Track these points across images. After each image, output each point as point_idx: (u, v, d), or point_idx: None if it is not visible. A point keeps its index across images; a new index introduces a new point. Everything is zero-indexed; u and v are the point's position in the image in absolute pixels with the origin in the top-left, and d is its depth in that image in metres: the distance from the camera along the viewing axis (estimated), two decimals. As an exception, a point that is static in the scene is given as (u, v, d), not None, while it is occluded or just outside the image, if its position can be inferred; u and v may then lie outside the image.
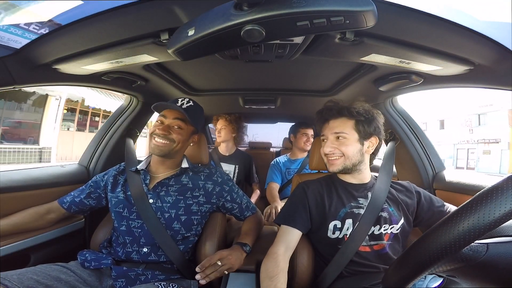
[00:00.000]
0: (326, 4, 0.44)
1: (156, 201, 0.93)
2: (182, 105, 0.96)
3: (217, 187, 1.00)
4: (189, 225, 0.94)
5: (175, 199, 0.94)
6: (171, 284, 0.80)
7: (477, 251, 0.38)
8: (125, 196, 0.95)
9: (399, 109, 1.38)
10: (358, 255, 0.80)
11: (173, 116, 0.96)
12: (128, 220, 0.91)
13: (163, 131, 0.93)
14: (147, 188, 0.95)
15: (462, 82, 0.90)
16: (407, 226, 0.85)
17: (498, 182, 0.35)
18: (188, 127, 0.98)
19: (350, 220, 0.82)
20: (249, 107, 1.77)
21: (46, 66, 0.83)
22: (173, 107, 0.96)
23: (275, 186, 1.83)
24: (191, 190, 0.97)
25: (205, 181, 1.00)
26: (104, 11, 0.61)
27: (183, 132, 0.97)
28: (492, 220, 0.33)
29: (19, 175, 1.03)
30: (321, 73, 1.19)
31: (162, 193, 0.94)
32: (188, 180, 0.99)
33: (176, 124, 0.96)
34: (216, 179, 1.02)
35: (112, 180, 1.00)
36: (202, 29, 0.51)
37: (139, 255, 0.88)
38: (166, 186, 0.96)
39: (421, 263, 0.38)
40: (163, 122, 0.96)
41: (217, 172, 1.05)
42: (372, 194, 0.85)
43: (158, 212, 0.91)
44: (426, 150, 1.30)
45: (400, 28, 0.64)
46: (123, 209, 0.93)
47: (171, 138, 0.94)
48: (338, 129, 0.86)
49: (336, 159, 0.86)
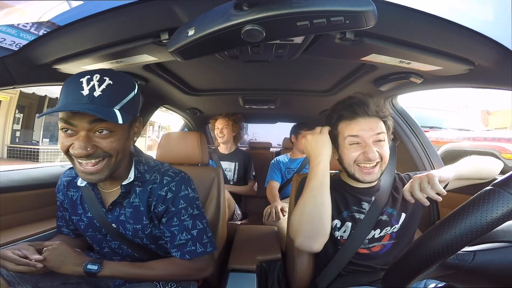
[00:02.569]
0: (326, 4, 0.43)
1: (118, 227, 0.75)
2: (93, 92, 0.58)
3: (159, 206, 0.73)
4: (164, 249, 0.79)
5: (133, 228, 0.74)
6: (169, 284, 0.79)
7: (463, 259, 0.38)
8: (88, 219, 0.77)
9: (399, 109, 1.38)
10: (356, 256, 0.80)
11: (86, 119, 0.58)
12: (107, 242, 0.78)
13: (84, 149, 0.58)
14: (105, 209, 0.74)
15: (462, 82, 0.90)
16: (411, 219, 0.82)
17: (497, 181, 0.35)
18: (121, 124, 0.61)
19: (349, 224, 0.81)
20: (249, 107, 1.77)
21: (46, 66, 0.83)
22: (77, 108, 0.57)
23: (275, 185, 1.84)
24: (145, 215, 0.74)
25: (151, 197, 0.74)
26: (104, 11, 0.61)
27: (117, 135, 0.63)
28: (480, 227, 0.33)
29: (19, 175, 1.03)
30: (321, 73, 1.19)
31: (122, 218, 0.74)
32: (138, 201, 0.74)
33: (98, 128, 0.60)
34: (163, 194, 0.72)
35: (67, 199, 0.80)
36: (202, 29, 0.51)
37: None
38: (122, 208, 0.74)
39: (413, 267, 0.39)
40: (75, 132, 0.60)
41: (170, 184, 0.73)
42: (374, 198, 0.82)
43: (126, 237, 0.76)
44: (426, 150, 1.30)
45: (400, 28, 0.64)
46: (94, 231, 0.78)
47: (102, 153, 0.62)
48: (379, 129, 0.74)
49: (373, 166, 0.74)
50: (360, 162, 0.75)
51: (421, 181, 0.69)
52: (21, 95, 7.10)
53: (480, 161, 0.84)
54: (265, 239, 1.11)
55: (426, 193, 0.67)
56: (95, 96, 0.58)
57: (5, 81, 0.77)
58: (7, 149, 7.32)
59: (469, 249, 0.38)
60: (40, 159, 7.27)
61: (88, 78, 0.59)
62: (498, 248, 0.38)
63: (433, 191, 0.67)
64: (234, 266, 0.93)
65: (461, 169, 0.80)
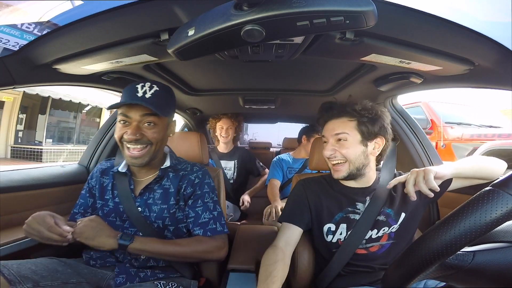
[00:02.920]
0: (326, 4, 0.44)
1: (144, 209, 0.85)
2: (145, 94, 0.78)
3: (189, 188, 0.88)
4: (180, 234, 0.89)
5: (159, 208, 0.85)
6: (170, 283, 0.80)
7: (463, 260, 0.38)
8: (114, 204, 0.86)
9: (399, 109, 1.38)
10: (354, 257, 0.80)
11: (139, 113, 0.78)
12: (124, 229, 0.86)
13: (134, 135, 0.77)
14: (134, 195, 0.86)
15: (462, 82, 0.90)
16: (411, 219, 0.82)
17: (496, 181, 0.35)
18: (162, 120, 0.82)
19: (345, 225, 0.81)
20: (249, 107, 1.77)
21: (46, 66, 0.83)
22: (135, 102, 0.77)
23: (276, 183, 1.83)
24: (174, 196, 0.87)
25: (182, 181, 0.89)
26: (104, 11, 0.61)
27: (159, 128, 0.81)
28: (479, 228, 0.33)
29: (19, 175, 1.03)
30: (321, 73, 1.19)
31: (150, 201, 0.86)
32: (169, 184, 0.88)
33: (147, 121, 0.79)
34: (193, 178, 0.89)
35: (98, 185, 0.90)
36: (202, 29, 0.51)
37: (138, 262, 0.85)
38: (152, 192, 0.87)
39: (413, 267, 0.39)
40: (128, 123, 0.79)
41: (198, 172, 0.92)
42: (371, 198, 0.82)
43: (147, 221, 0.85)
44: (426, 150, 1.30)
45: (400, 28, 0.64)
46: (115, 218, 0.86)
47: (147, 141, 0.79)
48: (339, 130, 0.81)
49: (340, 164, 0.80)
50: (329, 158, 0.83)
51: (417, 175, 0.69)
52: (24, 95, 7.13)
53: (482, 160, 0.84)
54: (265, 239, 1.11)
55: (419, 187, 0.67)
56: (146, 97, 0.78)
57: (5, 81, 0.77)
58: (11, 149, 7.35)
59: (469, 249, 0.38)
60: (43, 159, 7.30)
61: (142, 85, 0.80)
62: (497, 249, 0.38)
63: (426, 186, 0.67)
64: (234, 266, 0.94)
65: (460, 167, 0.79)
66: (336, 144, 0.81)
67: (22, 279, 0.66)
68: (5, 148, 7.30)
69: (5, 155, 7.28)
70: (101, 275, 0.83)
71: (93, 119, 9.37)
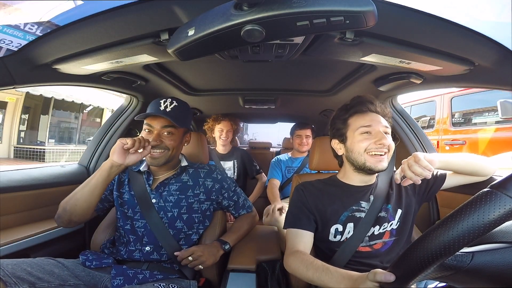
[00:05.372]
0: (326, 4, 0.44)
1: (159, 201, 0.95)
2: (166, 108, 0.94)
3: (216, 184, 1.03)
4: (191, 223, 0.97)
5: (177, 198, 0.96)
6: (170, 285, 0.80)
7: (462, 261, 0.38)
8: (129, 196, 0.96)
9: (399, 109, 1.38)
10: (358, 255, 0.80)
11: (160, 124, 0.94)
12: (133, 220, 0.94)
13: (155, 141, 0.92)
14: (150, 189, 0.97)
15: (462, 82, 0.90)
16: (407, 214, 0.84)
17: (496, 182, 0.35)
18: (178, 130, 0.97)
19: (352, 224, 0.81)
20: (249, 107, 1.77)
21: (46, 66, 0.83)
22: (157, 114, 0.93)
23: (276, 183, 1.84)
24: (192, 188, 0.99)
25: (205, 178, 1.03)
26: (104, 11, 0.61)
27: (175, 137, 0.96)
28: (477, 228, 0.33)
29: (19, 175, 1.03)
30: (321, 73, 1.19)
31: (165, 193, 0.96)
32: (188, 178, 1.01)
33: (166, 131, 0.94)
34: (216, 176, 1.05)
35: (116, 179, 1.00)
36: (202, 29, 0.51)
37: (141, 254, 0.89)
38: (168, 185, 0.98)
39: (412, 268, 0.39)
40: (151, 132, 0.94)
41: (216, 170, 1.07)
42: (374, 196, 0.84)
43: (161, 212, 0.93)
44: (426, 150, 1.30)
45: (400, 28, 0.64)
46: (127, 210, 0.95)
47: (164, 146, 0.94)
48: (386, 123, 0.83)
49: (384, 155, 0.80)
50: (371, 151, 0.80)
51: (408, 161, 0.73)
52: (27, 96, 7.13)
53: (471, 156, 0.86)
54: (265, 239, 1.11)
55: (414, 170, 0.71)
56: (167, 110, 0.94)
57: (5, 81, 0.77)
58: (14, 149, 7.38)
59: (468, 250, 0.38)
60: (46, 159, 7.32)
61: (164, 100, 0.96)
62: (496, 249, 0.38)
63: (419, 166, 0.70)
64: (234, 266, 0.93)
65: (449, 158, 0.82)
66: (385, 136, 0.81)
67: (17, 280, 0.66)
68: (8, 148, 7.33)
69: (8, 155, 7.31)
70: (98, 277, 0.83)
71: (94, 119, 9.49)
